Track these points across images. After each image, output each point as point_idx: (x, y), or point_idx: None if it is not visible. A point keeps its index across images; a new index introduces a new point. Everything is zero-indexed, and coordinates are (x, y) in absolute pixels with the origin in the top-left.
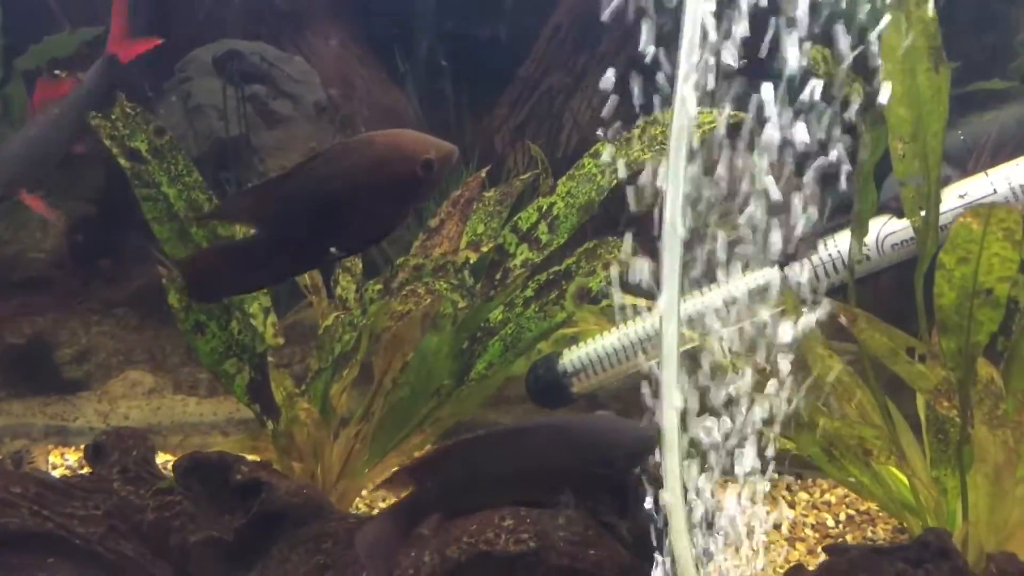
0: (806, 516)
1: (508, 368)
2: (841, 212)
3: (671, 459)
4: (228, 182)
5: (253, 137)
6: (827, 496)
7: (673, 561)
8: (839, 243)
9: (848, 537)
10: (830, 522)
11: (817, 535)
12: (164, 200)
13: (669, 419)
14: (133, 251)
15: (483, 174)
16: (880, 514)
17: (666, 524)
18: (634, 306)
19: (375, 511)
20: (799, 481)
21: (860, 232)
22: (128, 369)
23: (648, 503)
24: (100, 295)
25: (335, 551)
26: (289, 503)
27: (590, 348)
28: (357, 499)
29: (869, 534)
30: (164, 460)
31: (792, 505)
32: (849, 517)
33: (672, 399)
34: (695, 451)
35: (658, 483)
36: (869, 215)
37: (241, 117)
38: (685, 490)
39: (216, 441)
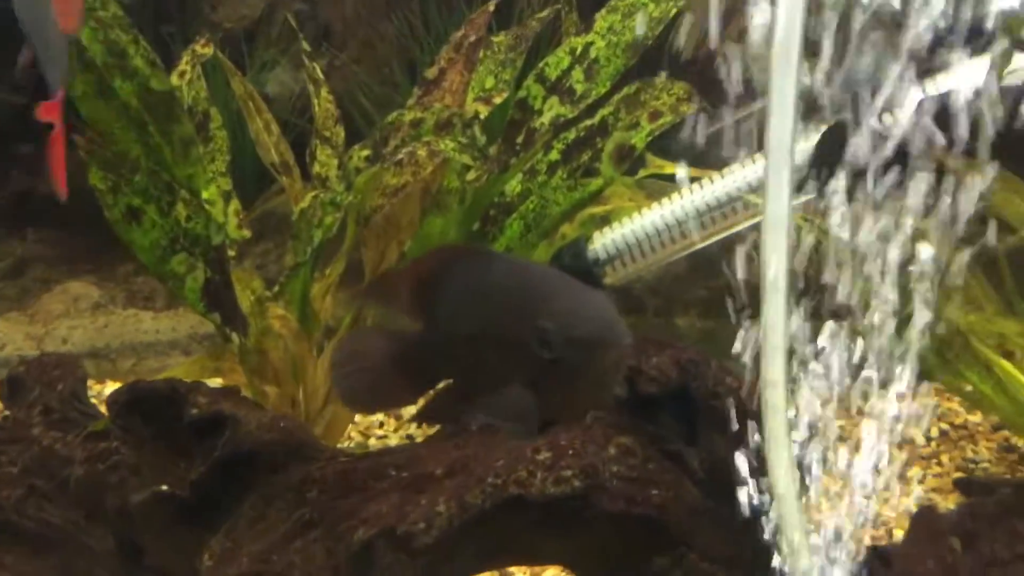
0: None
1: (530, 254)
2: None
3: (774, 368)
4: (172, 37)
5: None
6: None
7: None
8: (940, 86)
9: (944, 457)
10: (919, 439)
11: (904, 455)
12: (74, 44)
13: (773, 312)
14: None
15: (491, 7)
16: (980, 428)
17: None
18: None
19: (372, 443)
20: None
21: (1004, 60)
22: (69, 281)
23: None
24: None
25: (322, 501)
26: (262, 441)
27: (626, 229)
28: (350, 427)
29: (970, 453)
30: (114, 389)
31: None
32: (943, 432)
33: (779, 284)
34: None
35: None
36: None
37: None
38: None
39: (177, 362)
